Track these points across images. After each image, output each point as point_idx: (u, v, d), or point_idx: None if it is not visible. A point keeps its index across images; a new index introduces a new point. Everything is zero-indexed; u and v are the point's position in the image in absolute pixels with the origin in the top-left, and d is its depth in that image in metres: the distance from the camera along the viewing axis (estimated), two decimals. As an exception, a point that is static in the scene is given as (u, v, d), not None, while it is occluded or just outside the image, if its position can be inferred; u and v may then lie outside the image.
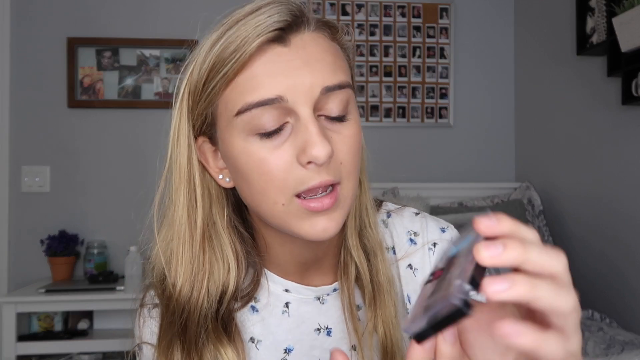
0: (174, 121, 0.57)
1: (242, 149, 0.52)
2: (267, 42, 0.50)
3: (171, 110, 0.58)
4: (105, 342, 2.10)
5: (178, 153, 0.56)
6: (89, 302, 2.08)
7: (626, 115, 1.82)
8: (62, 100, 2.37)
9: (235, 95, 0.51)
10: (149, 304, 0.61)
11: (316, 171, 0.51)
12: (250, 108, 0.50)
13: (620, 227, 1.87)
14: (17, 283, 2.29)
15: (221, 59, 0.51)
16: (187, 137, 0.56)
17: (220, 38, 0.52)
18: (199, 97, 0.54)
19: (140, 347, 0.61)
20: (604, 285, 1.96)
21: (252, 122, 0.50)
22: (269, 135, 0.51)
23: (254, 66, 0.50)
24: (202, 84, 0.53)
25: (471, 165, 2.58)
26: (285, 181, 0.51)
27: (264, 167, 0.51)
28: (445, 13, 2.56)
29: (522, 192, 2.31)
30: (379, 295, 0.60)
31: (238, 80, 0.51)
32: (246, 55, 0.50)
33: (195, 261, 0.57)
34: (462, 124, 2.57)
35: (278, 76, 0.50)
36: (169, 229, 0.58)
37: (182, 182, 0.56)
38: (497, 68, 2.62)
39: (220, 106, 0.53)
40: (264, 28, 0.50)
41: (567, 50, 2.14)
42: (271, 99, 0.49)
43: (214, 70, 0.52)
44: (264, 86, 0.50)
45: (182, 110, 0.56)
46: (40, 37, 2.36)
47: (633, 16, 1.61)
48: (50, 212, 2.34)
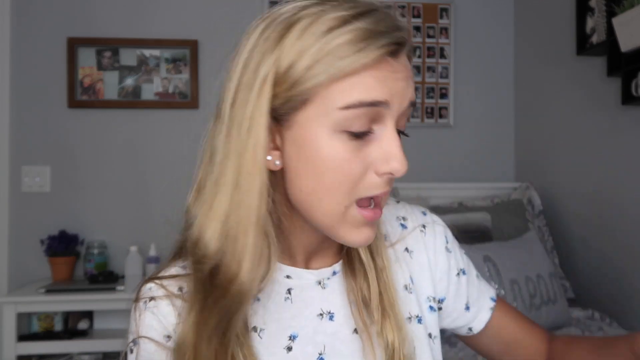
0: (252, 103, 0.52)
1: (327, 142, 0.51)
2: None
3: (229, 85, 0.55)
4: (105, 342, 2.10)
5: (257, 134, 0.52)
6: (89, 302, 2.08)
7: (626, 115, 1.82)
8: (62, 100, 2.37)
9: (344, 88, 0.50)
10: (145, 297, 0.59)
11: (387, 182, 0.54)
12: (359, 106, 0.50)
13: (620, 227, 1.87)
14: (17, 283, 2.29)
15: (342, 51, 0.50)
16: (267, 119, 0.52)
17: (339, 27, 0.50)
18: (295, 79, 0.51)
19: (136, 342, 0.58)
20: (604, 285, 1.96)
21: (349, 120, 0.51)
22: (356, 136, 0.52)
23: (369, 68, 0.51)
24: (304, 68, 0.50)
25: (471, 165, 2.58)
26: (356, 185, 0.53)
27: (344, 167, 0.52)
28: (445, 13, 2.56)
29: (522, 192, 2.31)
30: (385, 293, 0.63)
31: (353, 76, 0.50)
32: (369, 60, 0.50)
33: (257, 247, 0.55)
34: (462, 124, 2.57)
35: (387, 82, 0.51)
36: (235, 211, 0.53)
37: (256, 166, 0.52)
38: (497, 68, 2.62)
39: (320, 94, 0.51)
40: (391, 38, 0.51)
41: (567, 50, 2.14)
42: (379, 102, 0.51)
43: (327, 59, 0.50)
44: (375, 89, 0.51)
45: (265, 89, 0.52)
46: (40, 37, 2.36)
47: (633, 16, 1.61)
48: (50, 212, 2.34)
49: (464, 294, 0.72)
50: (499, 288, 1.65)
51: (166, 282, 0.59)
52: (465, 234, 1.96)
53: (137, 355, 0.57)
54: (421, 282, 0.69)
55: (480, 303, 0.73)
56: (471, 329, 0.73)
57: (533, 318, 1.64)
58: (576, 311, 1.86)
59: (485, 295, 0.74)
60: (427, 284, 0.69)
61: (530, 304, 1.66)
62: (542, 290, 1.71)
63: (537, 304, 1.68)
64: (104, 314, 2.25)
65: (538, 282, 1.72)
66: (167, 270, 0.61)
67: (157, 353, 0.56)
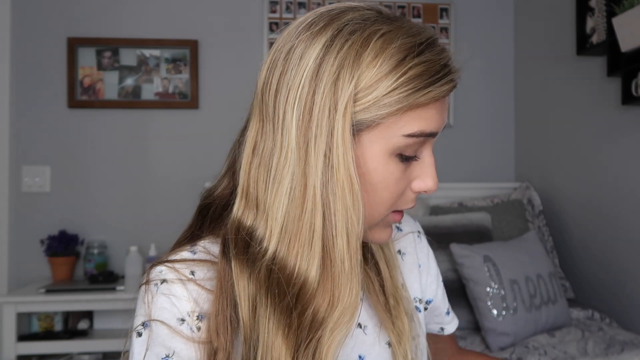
0: (339, 125, 0.51)
1: (385, 165, 0.54)
2: None
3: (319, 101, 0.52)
4: (105, 342, 2.10)
5: (345, 157, 0.52)
6: (89, 302, 2.08)
7: (626, 115, 1.82)
8: (62, 100, 2.37)
9: (412, 118, 0.53)
10: (156, 280, 0.57)
11: (416, 197, 0.59)
12: (420, 135, 0.54)
13: (620, 227, 1.87)
14: (17, 283, 2.29)
15: (416, 83, 0.52)
16: (352, 141, 0.52)
17: (413, 57, 0.52)
18: (369, 104, 0.52)
19: (146, 325, 0.56)
20: (604, 285, 1.96)
21: (407, 146, 0.54)
22: (407, 159, 0.55)
23: (437, 100, 0.54)
24: (380, 95, 0.51)
25: (471, 165, 2.59)
26: (397, 200, 0.57)
27: (394, 186, 0.55)
28: (445, 13, 2.56)
29: (522, 192, 2.31)
30: (396, 302, 0.66)
31: (422, 108, 0.53)
32: (441, 94, 0.53)
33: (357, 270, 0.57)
34: (462, 124, 2.57)
35: (442, 114, 0.56)
36: (335, 240, 0.53)
37: (353, 187, 0.52)
38: (497, 68, 2.62)
39: (390, 120, 0.52)
40: (454, 76, 0.55)
41: (567, 50, 2.14)
42: (435, 133, 0.55)
43: (402, 89, 0.51)
44: (435, 121, 0.55)
45: (348, 109, 0.51)
46: (40, 37, 2.36)
47: (633, 16, 1.61)
48: (50, 212, 2.34)
49: (446, 300, 0.80)
50: (499, 288, 1.66)
51: (178, 265, 0.58)
52: (465, 234, 1.97)
53: (149, 338, 0.55)
54: (411, 284, 0.73)
55: (453, 314, 0.82)
56: (443, 329, 0.80)
57: (533, 318, 1.65)
58: (576, 311, 1.86)
59: (453, 312, 0.83)
60: (415, 287, 0.73)
61: (530, 304, 1.66)
62: (542, 290, 1.71)
63: (537, 304, 1.68)
64: (104, 314, 2.25)
65: (538, 282, 1.72)
66: (176, 254, 0.60)
67: (170, 337, 0.55)
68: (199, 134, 2.43)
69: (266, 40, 2.46)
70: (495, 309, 1.63)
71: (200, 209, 0.65)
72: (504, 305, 1.63)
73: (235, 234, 0.56)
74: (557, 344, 1.60)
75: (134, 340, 0.56)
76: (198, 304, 0.56)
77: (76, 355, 2.19)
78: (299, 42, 0.54)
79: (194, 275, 0.58)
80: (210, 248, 0.60)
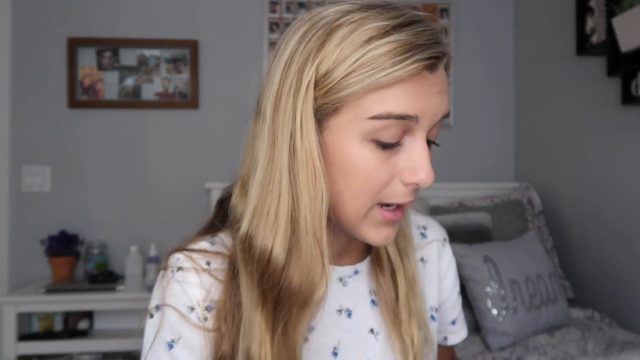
0: (300, 107, 0.53)
1: (356, 150, 0.53)
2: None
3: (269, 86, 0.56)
4: (106, 342, 2.10)
5: (307, 140, 0.53)
6: (89, 302, 2.08)
7: (626, 115, 1.82)
8: (62, 100, 2.37)
9: (376, 99, 0.51)
10: (173, 267, 0.59)
11: (412, 192, 0.56)
12: (388, 118, 0.52)
13: (620, 226, 1.87)
14: (17, 283, 2.29)
15: (379, 63, 0.50)
16: (314, 124, 0.53)
17: (379, 38, 0.51)
18: (331, 87, 0.52)
19: (159, 308, 0.58)
20: (603, 285, 1.97)
21: (378, 130, 0.52)
22: (385, 146, 0.53)
23: (404, 82, 0.51)
24: (340, 76, 0.51)
25: (471, 165, 2.59)
26: (380, 192, 0.55)
27: (372, 174, 0.53)
28: (445, 13, 2.57)
29: (522, 192, 2.31)
30: (411, 290, 0.66)
31: (386, 88, 0.51)
32: (405, 74, 0.50)
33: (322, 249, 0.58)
34: (462, 124, 2.57)
35: (420, 97, 0.52)
36: (300, 218, 0.55)
37: (316, 170, 0.53)
38: (497, 68, 2.62)
39: (353, 103, 0.52)
40: (430, 53, 0.51)
41: (567, 50, 2.14)
42: (409, 116, 0.52)
43: (363, 70, 0.51)
44: (407, 103, 0.52)
45: (309, 93, 0.52)
46: (40, 37, 2.36)
47: (633, 16, 1.61)
48: (50, 212, 2.34)
49: (457, 310, 0.78)
50: (499, 288, 1.65)
51: (195, 255, 0.60)
52: (465, 234, 1.97)
53: (160, 322, 0.58)
54: (428, 293, 0.72)
55: (462, 325, 0.81)
56: (447, 338, 0.79)
57: (533, 318, 1.65)
58: (576, 311, 1.86)
59: (464, 324, 0.81)
60: (433, 295, 0.73)
61: (530, 304, 1.66)
62: (542, 290, 1.71)
63: (537, 304, 1.68)
64: (104, 314, 2.25)
65: (538, 282, 1.72)
66: (196, 243, 0.62)
67: (179, 323, 0.57)
68: (199, 134, 2.43)
69: (266, 40, 2.46)
70: (495, 309, 1.63)
71: (219, 202, 0.68)
72: (504, 305, 1.63)
73: (233, 220, 0.60)
74: (557, 344, 1.60)
75: (147, 321, 0.59)
76: (209, 293, 0.58)
77: (76, 355, 2.19)
78: (283, 40, 0.57)
79: (209, 266, 0.60)
80: (226, 241, 0.63)
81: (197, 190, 2.37)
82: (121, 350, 2.15)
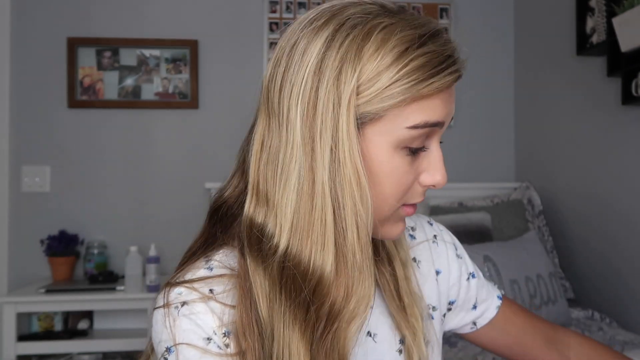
0: (344, 119, 0.51)
1: (390, 157, 0.54)
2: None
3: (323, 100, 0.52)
4: (105, 342, 2.10)
5: (351, 151, 0.52)
6: (89, 302, 2.08)
7: (626, 116, 1.82)
8: (62, 100, 2.37)
9: (416, 109, 0.53)
10: (176, 303, 0.56)
11: (426, 191, 0.58)
12: (425, 126, 0.53)
13: (620, 227, 1.87)
14: (17, 283, 2.29)
15: (419, 74, 0.51)
16: (357, 134, 0.52)
17: (416, 48, 0.51)
18: (372, 97, 0.52)
19: (171, 350, 0.54)
20: (604, 285, 1.96)
21: (412, 138, 0.53)
22: (414, 152, 0.55)
23: (441, 92, 0.54)
24: (382, 87, 0.51)
25: (471, 165, 2.58)
26: (406, 193, 0.57)
27: (401, 179, 0.55)
28: (445, 13, 2.56)
29: (522, 192, 2.31)
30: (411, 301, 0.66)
31: (426, 99, 0.53)
32: (444, 85, 0.53)
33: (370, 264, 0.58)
34: (462, 124, 2.57)
35: (447, 104, 0.55)
36: (346, 233, 0.54)
37: (361, 181, 0.53)
38: (497, 68, 2.62)
39: (393, 113, 0.52)
40: (459, 65, 0.54)
41: (567, 50, 2.14)
42: (440, 123, 0.55)
43: (405, 80, 0.51)
44: (440, 111, 0.54)
45: (352, 103, 0.51)
46: (40, 37, 2.36)
47: (633, 16, 1.61)
48: (50, 212, 2.34)
49: (473, 296, 0.77)
50: (499, 288, 1.66)
51: (197, 284, 0.57)
52: (465, 234, 1.97)
53: None
54: (425, 292, 0.71)
55: (488, 302, 0.78)
56: (475, 323, 0.77)
57: (533, 318, 1.65)
58: (576, 311, 1.86)
59: (492, 294, 0.79)
60: (430, 295, 0.72)
61: (530, 304, 1.66)
62: (542, 290, 1.71)
63: (537, 304, 1.68)
64: (104, 314, 2.25)
65: (538, 282, 1.72)
66: (192, 272, 0.58)
67: (199, 357, 0.54)
68: (199, 134, 2.43)
69: (266, 40, 2.46)
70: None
71: (210, 214, 0.64)
72: (504, 305, 1.63)
73: (248, 231, 0.56)
74: (557, 344, 1.60)
75: None
76: (222, 320, 0.55)
77: (76, 355, 2.19)
78: (301, 38, 0.54)
79: (212, 292, 0.56)
80: (225, 261, 0.59)
81: (197, 190, 2.36)
82: (121, 350, 2.15)
